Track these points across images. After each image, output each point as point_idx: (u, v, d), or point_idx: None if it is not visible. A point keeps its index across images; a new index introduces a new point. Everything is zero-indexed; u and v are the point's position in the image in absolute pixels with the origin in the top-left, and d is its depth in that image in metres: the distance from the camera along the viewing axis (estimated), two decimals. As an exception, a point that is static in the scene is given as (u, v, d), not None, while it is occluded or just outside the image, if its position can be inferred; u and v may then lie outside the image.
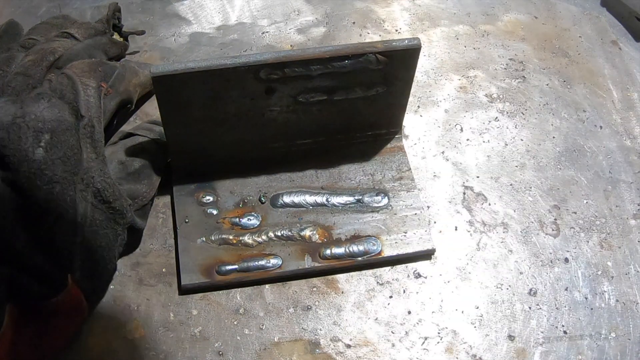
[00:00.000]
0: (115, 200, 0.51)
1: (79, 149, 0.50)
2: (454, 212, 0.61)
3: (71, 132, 0.50)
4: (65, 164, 0.49)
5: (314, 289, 0.56)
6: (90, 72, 0.56)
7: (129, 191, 0.54)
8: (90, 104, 0.53)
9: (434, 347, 0.53)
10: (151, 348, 0.52)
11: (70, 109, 0.52)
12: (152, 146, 0.58)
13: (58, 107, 0.51)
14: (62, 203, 0.48)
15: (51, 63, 0.56)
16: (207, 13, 0.75)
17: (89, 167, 0.50)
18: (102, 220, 0.50)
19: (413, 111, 0.68)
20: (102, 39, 0.63)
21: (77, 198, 0.49)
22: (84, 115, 0.52)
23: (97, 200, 0.50)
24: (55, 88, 0.53)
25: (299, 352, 0.52)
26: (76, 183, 0.49)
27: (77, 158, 0.50)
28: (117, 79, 0.58)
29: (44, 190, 0.47)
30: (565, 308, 0.55)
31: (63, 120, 0.50)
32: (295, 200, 0.59)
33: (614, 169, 0.64)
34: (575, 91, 0.70)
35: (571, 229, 0.60)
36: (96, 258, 0.49)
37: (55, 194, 0.47)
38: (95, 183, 0.50)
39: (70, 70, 0.55)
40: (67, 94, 0.53)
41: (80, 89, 0.53)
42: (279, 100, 0.58)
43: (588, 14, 0.78)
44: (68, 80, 0.54)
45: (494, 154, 0.65)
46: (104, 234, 0.50)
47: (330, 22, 0.75)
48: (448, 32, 0.75)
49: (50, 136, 0.49)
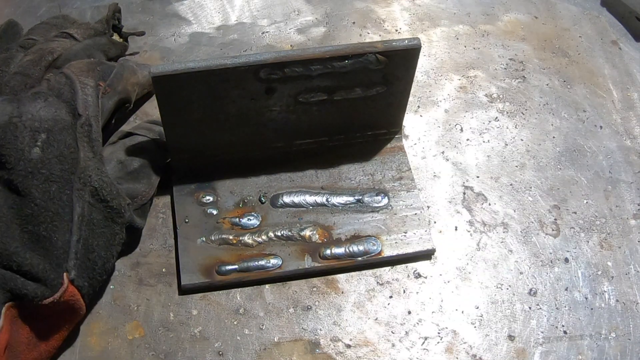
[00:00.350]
0: (112, 199, 0.51)
1: (75, 148, 0.50)
2: (454, 212, 0.61)
3: (68, 131, 0.50)
4: (61, 163, 0.48)
5: (314, 289, 0.56)
6: (88, 71, 0.55)
7: (128, 190, 0.54)
8: (88, 102, 0.53)
9: (434, 347, 0.53)
10: (151, 348, 0.52)
11: (68, 107, 0.52)
12: (152, 146, 0.57)
13: (55, 106, 0.51)
14: (59, 202, 0.48)
15: (49, 63, 0.56)
16: (207, 13, 0.75)
17: (86, 165, 0.50)
18: (100, 219, 0.50)
19: (413, 111, 0.68)
20: (101, 39, 0.63)
21: (74, 197, 0.48)
22: (81, 114, 0.52)
23: (95, 199, 0.50)
24: (53, 87, 0.53)
25: (299, 352, 0.52)
26: (73, 182, 0.49)
27: (74, 157, 0.50)
28: (116, 78, 0.57)
29: (40, 189, 0.47)
30: (565, 308, 0.55)
31: (60, 119, 0.50)
32: (295, 200, 0.59)
33: (614, 169, 0.64)
34: (575, 91, 0.70)
35: (571, 229, 0.60)
36: (93, 257, 0.49)
37: (51, 193, 0.47)
38: (92, 182, 0.50)
39: (69, 70, 0.55)
40: (65, 93, 0.53)
41: (78, 88, 0.53)
42: (279, 100, 0.58)
43: (588, 14, 0.78)
44: (66, 79, 0.54)
45: (494, 154, 0.65)
46: (101, 232, 0.50)
47: (330, 22, 0.75)
48: (448, 32, 0.75)
49: (46, 135, 0.49)
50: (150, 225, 0.58)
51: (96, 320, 0.53)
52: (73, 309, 0.48)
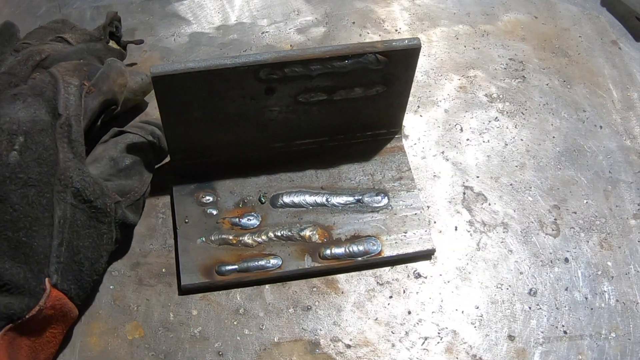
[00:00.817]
0: (96, 198, 0.50)
1: (55, 150, 0.49)
2: (454, 212, 0.61)
3: (47, 132, 0.49)
4: (40, 166, 0.48)
5: (314, 289, 0.56)
6: (74, 70, 0.55)
7: (120, 187, 0.53)
8: (70, 102, 0.52)
9: (434, 347, 0.53)
10: (151, 348, 0.52)
11: (48, 107, 0.51)
12: (144, 143, 0.57)
13: (34, 106, 0.50)
14: (38, 206, 0.47)
15: (37, 62, 0.55)
16: (207, 13, 0.75)
17: (66, 167, 0.49)
18: (84, 220, 0.49)
19: (413, 111, 0.68)
20: (96, 44, 0.61)
21: (55, 200, 0.48)
22: (61, 114, 0.51)
23: (77, 200, 0.49)
24: (35, 85, 0.52)
25: (299, 352, 0.52)
26: (53, 184, 0.48)
27: (53, 159, 0.49)
28: (101, 78, 0.56)
29: (18, 194, 0.46)
30: (565, 308, 0.55)
31: (39, 120, 0.49)
32: (295, 200, 0.59)
33: (614, 169, 0.64)
34: (575, 91, 0.70)
35: (571, 229, 0.60)
36: (79, 259, 0.49)
37: (30, 197, 0.47)
38: (74, 183, 0.49)
39: (55, 69, 0.54)
40: (47, 92, 0.52)
41: (61, 87, 0.52)
42: (279, 100, 0.58)
43: (588, 14, 0.78)
44: (51, 78, 0.53)
45: (494, 154, 0.65)
46: (86, 233, 0.49)
47: (330, 22, 0.75)
48: (448, 32, 0.75)
49: (24, 138, 0.48)
50: (150, 225, 0.58)
51: (96, 321, 0.53)
52: (63, 313, 0.48)
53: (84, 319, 0.53)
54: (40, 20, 0.71)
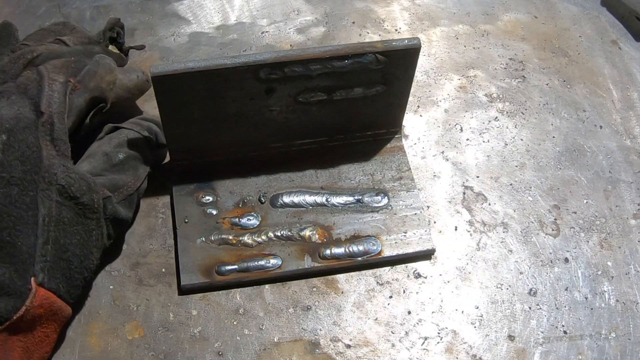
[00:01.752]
0: (82, 195, 0.49)
1: (38, 147, 0.49)
2: (453, 212, 0.61)
3: (30, 130, 0.49)
4: (23, 164, 0.47)
5: (314, 289, 0.56)
6: (62, 67, 0.54)
7: (112, 181, 0.53)
8: (53, 99, 0.51)
9: (434, 347, 0.53)
10: (151, 348, 0.52)
11: (32, 105, 0.50)
12: (139, 139, 0.56)
13: (18, 104, 0.50)
14: (21, 205, 0.46)
15: (28, 61, 0.55)
16: (207, 13, 0.75)
17: (50, 164, 0.49)
18: (71, 217, 0.49)
19: (413, 111, 0.68)
20: (94, 47, 0.61)
21: (39, 198, 0.47)
22: (43, 112, 0.50)
23: (63, 197, 0.48)
24: (21, 83, 0.52)
25: (298, 352, 0.52)
26: (37, 182, 0.47)
27: (36, 157, 0.48)
28: (87, 75, 0.55)
29: (1, 193, 0.46)
30: (565, 308, 0.55)
31: (22, 117, 0.49)
32: (295, 200, 0.59)
33: (614, 168, 0.64)
34: (575, 91, 0.70)
35: (571, 229, 0.60)
36: (67, 256, 0.48)
37: (12, 196, 0.46)
38: (59, 180, 0.48)
39: (44, 67, 0.54)
40: (31, 90, 0.51)
41: (46, 85, 0.52)
42: (278, 100, 0.57)
43: (588, 14, 0.78)
44: (37, 76, 0.53)
45: (494, 153, 0.65)
46: (74, 230, 0.49)
47: (330, 22, 0.75)
48: (448, 32, 0.75)
49: (7, 136, 0.47)
50: (150, 225, 0.58)
51: (96, 321, 0.53)
52: (52, 311, 0.47)
53: (83, 319, 0.53)
54: (40, 20, 0.71)
